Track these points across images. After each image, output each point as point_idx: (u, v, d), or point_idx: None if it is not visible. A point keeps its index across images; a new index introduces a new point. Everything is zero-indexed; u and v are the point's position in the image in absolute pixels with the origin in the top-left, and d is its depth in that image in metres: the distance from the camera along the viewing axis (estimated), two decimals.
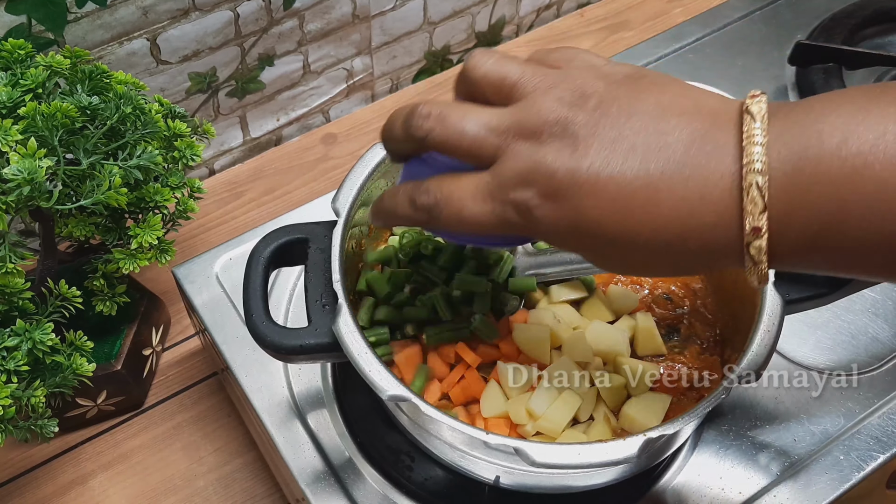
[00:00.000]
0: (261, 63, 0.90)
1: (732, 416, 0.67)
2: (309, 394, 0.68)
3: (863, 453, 0.66)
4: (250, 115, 0.95)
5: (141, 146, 0.61)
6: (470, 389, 0.59)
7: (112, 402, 0.75)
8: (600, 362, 0.60)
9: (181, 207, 0.68)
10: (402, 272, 0.62)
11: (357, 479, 0.63)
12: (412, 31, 1.00)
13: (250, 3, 0.84)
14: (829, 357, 0.71)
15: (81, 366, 0.62)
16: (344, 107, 1.03)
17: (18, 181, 0.53)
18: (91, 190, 0.58)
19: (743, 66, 0.93)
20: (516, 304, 0.62)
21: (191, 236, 0.89)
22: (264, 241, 0.59)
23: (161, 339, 0.80)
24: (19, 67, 0.63)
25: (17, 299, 0.60)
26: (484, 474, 0.58)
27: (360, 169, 0.61)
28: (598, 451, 0.49)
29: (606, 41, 1.07)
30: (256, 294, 0.56)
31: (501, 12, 1.07)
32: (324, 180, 0.94)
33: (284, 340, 0.55)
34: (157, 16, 0.79)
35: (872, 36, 0.96)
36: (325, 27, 0.92)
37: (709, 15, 0.99)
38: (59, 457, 0.76)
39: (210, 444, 0.77)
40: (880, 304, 0.74)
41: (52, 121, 0.57)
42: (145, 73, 0.83)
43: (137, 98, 0.63)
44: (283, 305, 0.72)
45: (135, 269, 0.64)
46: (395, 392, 0.51)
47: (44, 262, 0.65)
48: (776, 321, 0.54)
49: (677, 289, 0.66)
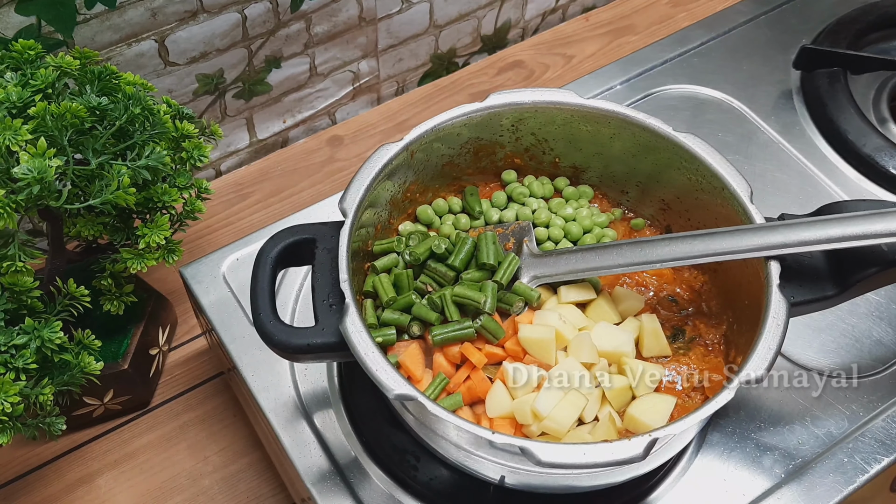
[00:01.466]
0: (268, 65, 0.91)
1: (737, 419, 0.67)
2: (315, 394, 0.68)
3: (867, 456, 0.66)
4: (257, 116, 0.95)
5: (149, 147, 0.62)
6: (475, 389, 0.59)
7: (119, 401, 0.76)
8: (605, 363, 0.60)
9: (189, 208, 0.69)
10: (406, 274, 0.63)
11: (362, 478, 0.64)
12: (418, 34, 1.00)
13: (258, 6, 0.84)
14: (833, 360, 0.71)
15: (89, 364, 0.62)
16: (350, 109, 1.03)
17: (28, 180, 0.54)
18: (100, 190, 0.59)
19: (748, 71, 0.93)
20: (522, 305, 0.62)
21: (198, 237, 0.89)
22: (272, 241, 0.59)
23: (168, 338, 0.81)
24: (29, 68, 0.63)
25: (26, 298, 0.60)
26: (489, 474, 0.58)
27: (367, 170, 0.61)
28: (604, 451, 0.50)
29: (611, 45, 1.08)
30: (264, 293, 0.57)
31: (507, 16, 1.07)
32: (330, 182, 0.95)
33: (292, 339, 0.55)
34: (166, 17, 0.79)
35: (877, 41, 0.96)
36: (331, 30, 0.92)
37: (714, 19, 0.99)
38: (66, 455, 0.76)
39: (216, 443, 0.77)
40: (884, 308, 0.74)
41: (61, 121, 0.57)
42: (153, 75, 0.83)
43: (146, 99, 0.64)
44: (290, 305, 0.72)
45: (142, 268, 0.65)
46: (402, 391, 0.51)
47: (52, 261, 0.66)
48: (781, 324, 0.55)
49: (682, 291, 0.66)
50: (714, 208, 0.64)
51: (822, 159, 0.85)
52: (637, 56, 0.95)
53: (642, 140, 0.66)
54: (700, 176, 0.64)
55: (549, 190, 0.72)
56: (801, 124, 0.88)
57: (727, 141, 0.86)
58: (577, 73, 1.04)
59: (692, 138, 0.64)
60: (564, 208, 0.70)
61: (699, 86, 0.91)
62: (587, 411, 0.57)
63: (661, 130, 0.65)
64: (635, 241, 0.61)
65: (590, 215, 0.70)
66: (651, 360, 0.62)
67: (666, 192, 0.68)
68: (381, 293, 0.62)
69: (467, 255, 0.63)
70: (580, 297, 0.63)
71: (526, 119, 0.68)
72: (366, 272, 0.65)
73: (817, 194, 0.82)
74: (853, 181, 0.84)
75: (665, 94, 0.91)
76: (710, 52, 0.95)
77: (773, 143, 0.87)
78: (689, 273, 0.67)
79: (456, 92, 1.04)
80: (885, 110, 0.90)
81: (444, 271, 0.63)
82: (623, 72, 0.93)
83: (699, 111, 0.89)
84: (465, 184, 0.72)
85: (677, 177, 0.66)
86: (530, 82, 1.04)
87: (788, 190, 0.83)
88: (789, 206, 0.80)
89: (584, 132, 0.68)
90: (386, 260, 0.64)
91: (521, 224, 0.68)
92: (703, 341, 0.63)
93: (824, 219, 0.57)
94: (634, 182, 0.70)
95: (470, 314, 0.61)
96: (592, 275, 0.63)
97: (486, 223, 0.70)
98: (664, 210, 0.70)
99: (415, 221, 0.70)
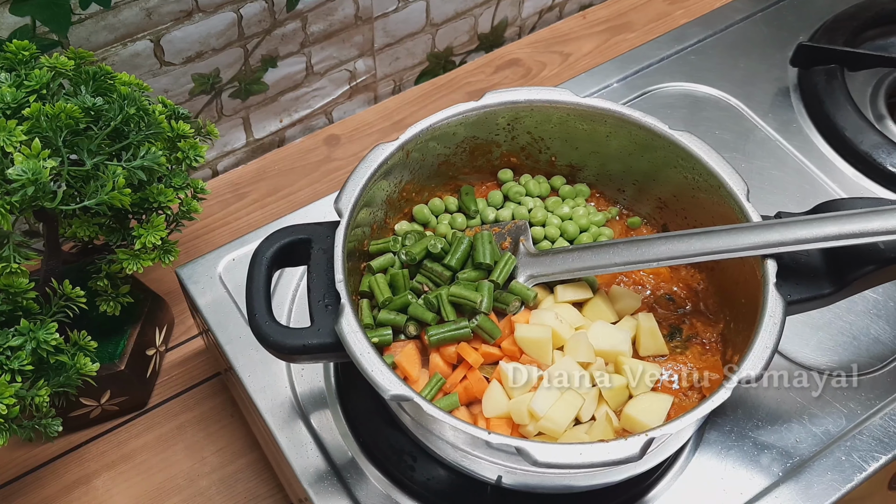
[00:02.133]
0: (264, 64, 0.91)
1: (734, 417, 0.67)
2: (312, 394, 0.68)
3: (865, 454, 0.66)
4: (253, 116, 0.95)
5: (145, 147, 0.62)
6: (472, 389, 0.59)
7: (116, 402, 0.76)
8: (602, 363, 0.60)
9: (185, 208, 0.69)
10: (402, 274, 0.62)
11: (359, 478, 0.63)
12: (415, 33, 1.00)
13: (254, 5, 0.84)
14: (831, 358, 0.71)
15: (85, 365, 0.62)
16: (347, 108, 1.03)
17: (23, 181, 0.54)
18: (95, 190, 0.59)
19: (745, 68, 0.93)
20: (518, 305, 0.62)
21: (194, 237, 0.89)
22: (267, 242, 0.59)
23: (164, 339, 0.81)
24: (24, 68, 0.63)
25: (22, 299, 0.60)
26: (486, 474, 0.58)
27: (363, 170, 0.61)
28: (600, 450, 0.49)
29: (608, 43, 1.08)
30: (259, 294, 0.57)
31: (504, 14, 1.07)
32: (326, 181, 0.95)
33: (287, 340, 0.55)
34: (161, 17, 0.79)
35: (874, 38, 0.96)
36: (328, 29, 0.92)
37: (711, 16, 0.99)
38: (63, 456, 0.76)
39: (213, 444, 0.77)
40: (882, 306, 0.74)
41: (56, 121, 0.57)
42: (149, 75, 0.83)
43: (141, 99, 0.64)
44: (286, 306, 0.72)
45: (138, 269, 0.65)
46: (398, 392, 0.51)
47: (48, 262, 0.65)
48: (778, 322, 0.55)
49: (679, 289, 0.66)
50: (711, 207, 0.64)
51: (820, 157, 0.85)
52: (634, 54, 0.95)
53: (639, 138, 0.66)
54: (697, 174, 0.64)
55: (545, 189, 0.72)
56: (799, 122, 0.88)
57: (724, 139, 0.86)
58: (573, 71, 1.04)
59: (689, 136, 0.64)
60: (561, 207, 0.70)
61: (696, 83, 0.91)
62: (584, 411, 0.57)
63: (657, 129, 0.64)
64: (632, 240, 0.61)
65: (586, 214, 0.70)
66: (648, 359, 0.62)
67: (663, 190, 0.68)
68: (377, 293, 0.62)
69: (463, 255, 0.63)
70: (577, 296, 0.63)
71: (522, 118, 0.68)
72: (362, 272, 0.65)
73: (814, 192, 0.82)
74: (850, 178, 0.83)
75: (662, 91, 0.91)
76: (707, 50, 0.95)
77: (770, 140, 0.86)
78: (686, 272, 0.67)
79: (453, 90, 1.03)
80: (882, 107, 0.90)
81: (441, 271, 0.63)
82: (620, 70, 0.93)
83: (696, 109, 0.89)
84: (462, 183, 0.72)
85: (674, 175, 0.66)
86: (527, 80, 1.04)
87: (785, 188, 0.83)
88: (786, 203, 0.80)
89: (581, 131, 0.68)
90: (382, 260, 0.64)
91: (518, 223, 0.68)
92: (700, 340, 0.63)
93: (821, 217, 0.57)
94: (631, 181, 0.70)
95: (466, 314, 0.61)
96: (589, 274, 0.63)
97: (483, 222, 0.70)
98: (661, 208, 0.69)
99: (411, 221, 0.70)
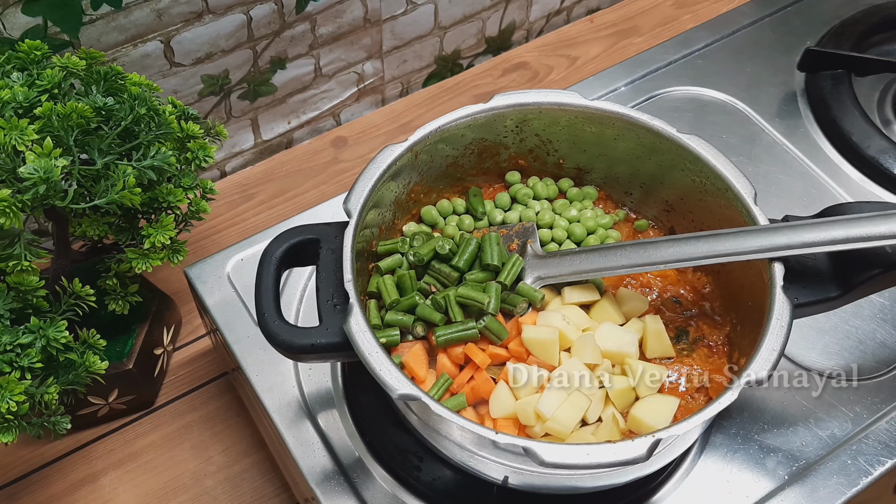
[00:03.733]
0: (272, 66, 0.91)
1: (740, 420, 0.67)
2: (319, 394, 0.68)
3: (871, 458, 0.66)
4: (262, 117, 0.95)
5: (154, 147, 0.62)
6: (479, 390, 0.59)
7: (123, 400, 0.76)
8: (609, 364, 0.60)
9: (194, 208, 0.69)
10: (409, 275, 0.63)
11: (366, 478, 0.64)
12: (423, 36, 1.01)
13: (263, 7, 0.84)
14: (837, 362, 0.71)
15: (94, 363, 0.63)
16: (354, 110, 1.03)
17: (34, 180, 0.54)
18: (105, 190, 0.59)
19: (752, 73, 0.93)
20: (526, 306, 0.62)
21: (202, 237, 0.90)
22: (276, 241, 0.59)
23: (172, 338, 0.81)
24: (35, 68, 0.63)
25: (32, 297, 0.60)
26: (493, 475, 0.58)
27: (372, 171, 0.62)
28: (607, 451, 0.50)
29: (615, 47, 1.08)
30: (268, 293, 0.57)
31: (511, 17, 1.07)
32: (334, 183, 0.95)
33: (296, 339, 0.56)
34: (171, 18, 0.80)
35: (881, 43, 0.96)
36: (336, 31, 0.92)
37: (718, 21, 0.99)
38: (70, 454, 0.77)
39: (219, 443, 0.78)
40: (888, 310, 0.74)
41: (67, 121, 0.57)
42: (159, 75, 0.83)
43: (151, 99, 0.64)
44: (294, 306, 0.72)
45: (147, 268, 0.65)
46: (406, 391, 0.51)
47: (58, 260, 0.66)
48: (785, 325, 0.55)
49: (686, 292, 0.66)
50: (718, 210, 0.64)
51: (826, 161, 0.85)
52: (641, 58, 0.95)
53: (646, 141, 0.66)
54: (704, 177, 0.64)
55: (552, 191, 0.72)
56: (805, 126, 0.88)
57: (731, 143, 0.86)
58: (581, 74, 1.04)
59: (696, 140, 0.64)
60: (568, 209, 0.70)
61: (703, 87, 0.91)
62: (590, 412, 0.57)
63: (665, 132, 0.65)
64: (639, 243, 0.62)
65: (594, 216, 0.70)
66: (654, 361, 0.62)
67: (670, 193, 0.68)
68: (385, 295, 0.62)
69: (471, 256, 0.63)
70: (584, 298, 0.63)
71: (530, 120, 0.68)
72: (370, 273, 0.65)
73: (821, 196, 0.82)
74: (857, 183, 0.84)
75: (669, 95, 0.91)
76: (714, 54, 0.95)
77: (777, 144, 0.87)
78: (692, 274, 0.67)
79: (460, 93, 1.04)
80: (889, 112, 0.90)
81: (448, 272, 0.63)
82: (627, 73, 0.93)
83: (703, 113, 0.89)
84: (469, 185, 0.72)
85: (681, 178, 0.66)
86: (534, 84, 1.04)
87: (792, 192, 0.83)
88: (793, 207, 0.80)
89: (589, 133, 0.68)
90: (390, 260, 0.64)
91: (525, 225, 0.68)
92: (707, 342, 0.63)
93: (828, 220, 0.57)
94: (638, 183, 0.70)
95: (474, 315, 0.61)
96: (596, 276, 0.63)
97: (490, 224, 0.70)
98: (668, 211, 0.70)
99: (419, 222, 0.70)
